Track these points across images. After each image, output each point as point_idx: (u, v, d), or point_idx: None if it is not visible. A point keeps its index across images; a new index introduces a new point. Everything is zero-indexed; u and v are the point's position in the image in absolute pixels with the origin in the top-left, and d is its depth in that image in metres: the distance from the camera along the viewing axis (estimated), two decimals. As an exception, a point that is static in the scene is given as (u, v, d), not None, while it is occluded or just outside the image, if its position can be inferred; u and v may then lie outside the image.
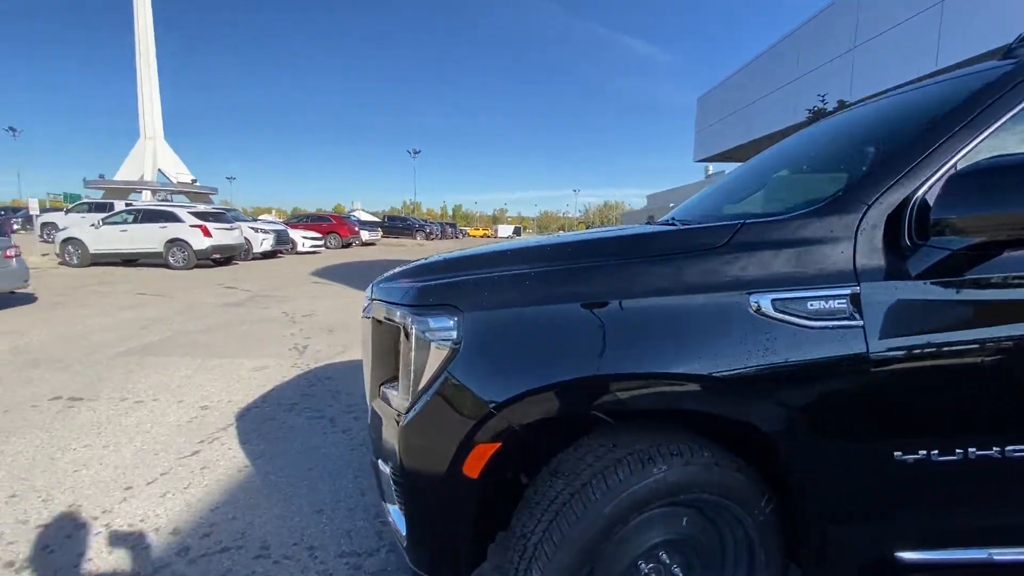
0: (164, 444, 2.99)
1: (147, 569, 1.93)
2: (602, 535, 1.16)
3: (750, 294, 1.18)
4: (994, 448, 1.18)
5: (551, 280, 1.27)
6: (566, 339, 1.19)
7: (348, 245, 23.60)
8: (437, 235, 38.71)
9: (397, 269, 1.75)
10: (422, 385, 1.28)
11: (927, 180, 1.19)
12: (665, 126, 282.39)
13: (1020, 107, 1.20)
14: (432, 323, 1.27)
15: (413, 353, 1.29)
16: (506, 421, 1.20)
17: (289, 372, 4.44)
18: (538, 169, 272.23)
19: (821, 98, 10.05)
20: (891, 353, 1.14)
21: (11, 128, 52.16)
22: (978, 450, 1.18)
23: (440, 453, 1.25)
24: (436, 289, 1.34)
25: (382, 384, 1.54)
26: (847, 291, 1.16)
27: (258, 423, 3.33)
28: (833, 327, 1.15)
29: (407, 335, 1.32)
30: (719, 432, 1.30)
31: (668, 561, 1.30)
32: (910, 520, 1.26)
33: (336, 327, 6.35)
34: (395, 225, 36.67)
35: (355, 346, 5.38)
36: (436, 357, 1.26)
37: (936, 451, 1.17)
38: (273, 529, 2.19)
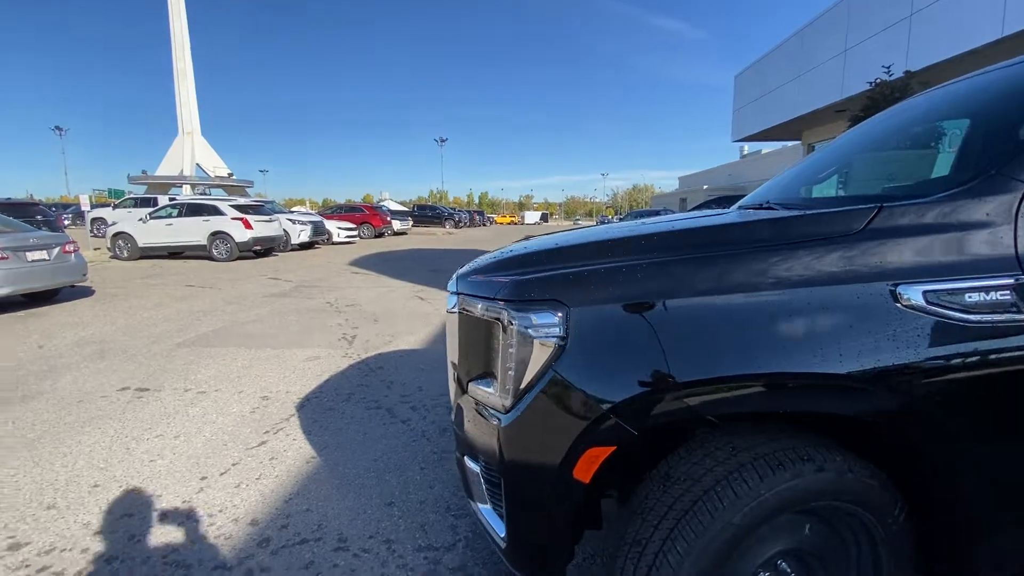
0: (231, 434, 3.05)
1: (231, 559, 1.96)
2: (731, 544, 1.09)
3: (895, 285, 1.07)
4: None
5: (665, 272, 1.18)
6: (687, 336, 1.11)
7: (381, 235, 23.87)
8: (465, 223, 38.84)
9: (478, 262, 1.69)
10: (524, 384, 1.22)
11: None
12: (694, 108, 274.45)
13: None
14: (535, 319, 1.20)
15: (514, 350, 1.23)
16: (623, 423, 1.13)
17: (341, 362, 4.48)
18: (564, 154, 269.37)
19: (886, 69, 9.39)
20: None
21: (57, 127, 54.44)
22: None
23: (549, 456, 1.19)
24: (536, 283, 1.27)
25: (471, 380, 1.49)
26: (1010, 280, 1.04)
27: (318, 413, 3.36)
28: (995, 321, 1.03)
29: (505, 331, 1.26)
30: (849, 435, 1.20)
31: (788, 570, 1.22)
32: None
33: (380, 316, 6.40)
34: (424, 214, 37.05)
35: (402, 335, 5.41)
36: (540, 354, 1.19)
37: None
38: (348, 521, 2.20)
